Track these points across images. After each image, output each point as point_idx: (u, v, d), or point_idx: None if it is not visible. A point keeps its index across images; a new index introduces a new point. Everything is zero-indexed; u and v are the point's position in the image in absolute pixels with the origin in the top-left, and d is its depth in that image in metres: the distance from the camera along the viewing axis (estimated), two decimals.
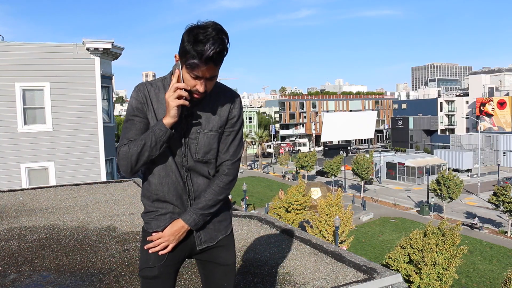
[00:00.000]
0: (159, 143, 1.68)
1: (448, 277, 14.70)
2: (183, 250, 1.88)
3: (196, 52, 1.56)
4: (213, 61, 1.59)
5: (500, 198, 29.24)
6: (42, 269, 3.80)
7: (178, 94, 1.64)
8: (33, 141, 12.94)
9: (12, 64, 12.62)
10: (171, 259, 1.85)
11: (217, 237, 1.90)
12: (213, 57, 1.57)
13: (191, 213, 1.78)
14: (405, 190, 44.65)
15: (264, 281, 3.37)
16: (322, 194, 32.62)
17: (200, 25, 1.60)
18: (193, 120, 1.77)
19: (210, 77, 1.65)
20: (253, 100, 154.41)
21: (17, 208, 6.62)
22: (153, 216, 1.84)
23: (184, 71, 1.65)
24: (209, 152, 1.81)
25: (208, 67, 1.60)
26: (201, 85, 1.65)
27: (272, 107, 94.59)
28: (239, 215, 5.62)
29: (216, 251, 1.92)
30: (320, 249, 4.07)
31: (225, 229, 1.93)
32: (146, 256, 1.84)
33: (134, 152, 1.69)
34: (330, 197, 22.70)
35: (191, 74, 1.63)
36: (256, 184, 49.99)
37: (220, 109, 1.80)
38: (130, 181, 8.94)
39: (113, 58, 15.04)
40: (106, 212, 6.14)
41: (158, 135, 1.67)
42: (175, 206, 1.82)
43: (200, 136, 1.78)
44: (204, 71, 1.61)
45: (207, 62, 1.58)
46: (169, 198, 1.81)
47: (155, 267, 1.82)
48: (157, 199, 1.82)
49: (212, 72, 1.63)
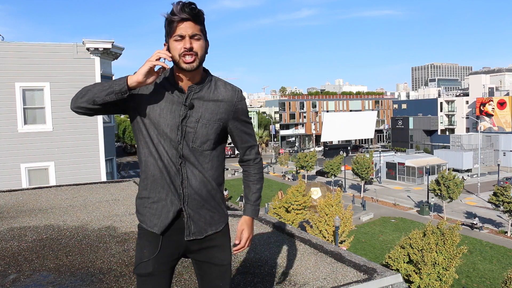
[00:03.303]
0: (109, 88, 1.69)
1: (448, 277, 14.69)
2: (177, 248, 1.88)
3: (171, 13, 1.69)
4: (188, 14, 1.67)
5: (500, 198, 29.23)
6: (42, 269, 3.80)
7: (156, 55, 1.68)
8: (33, 141, 12.94)
9: (12, 64, 12.62)
10: (165, 256, 1.86)
11: (206, 231, 1.89)
12: (185, 9, 1.66)
13: (249, 207, 2.00)
14: (405, 190, 44.64)
15: (264, 281, 3.37)
16: (322, 194, 32.60)
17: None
18: (192, 109, 1.80)
19: (192, 35, 1.70)
20: (253, 100, 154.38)
21: (17, 208, 6.62)
22: (147, 204, 1.87)
23: (171, 42, 1.72)
24: (205, 143, 1.83)
25: (185, 22, 1.68)
26: (186, 42, 1.70)
27: (272, 107, 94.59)
28: (239, 215, 5.62)
29: (211, 251, 1.91)
30: (320, 249, 4.07)
31: (216, 225, 1.92)
32: (141, 253, 1.86)
33: (89, 86, 1.74)
34: (329, 197, 22.69)
35: (174, 37, 1.70)
36: None
37: (220, 101, 1.84)
38: (130, 181, 8.94)
39: (113, 58, 15.04)
40: (106, 212, 6.14)
41: (114, 82, 1.71)
42: (167, 192, 1.82)
43: (199, 125, 1.81)
44: (183, 28, 1.68)
45: (180, 14, 1.66)
46: (161, 182, 1.82)
47: (149, 261, 1.83)
48: (152, 181, 1.84)
49: (192, 28, 1.70)
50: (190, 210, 1.85)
